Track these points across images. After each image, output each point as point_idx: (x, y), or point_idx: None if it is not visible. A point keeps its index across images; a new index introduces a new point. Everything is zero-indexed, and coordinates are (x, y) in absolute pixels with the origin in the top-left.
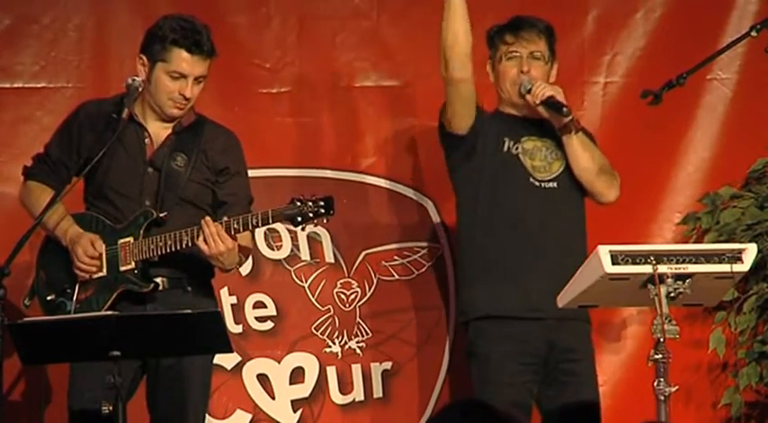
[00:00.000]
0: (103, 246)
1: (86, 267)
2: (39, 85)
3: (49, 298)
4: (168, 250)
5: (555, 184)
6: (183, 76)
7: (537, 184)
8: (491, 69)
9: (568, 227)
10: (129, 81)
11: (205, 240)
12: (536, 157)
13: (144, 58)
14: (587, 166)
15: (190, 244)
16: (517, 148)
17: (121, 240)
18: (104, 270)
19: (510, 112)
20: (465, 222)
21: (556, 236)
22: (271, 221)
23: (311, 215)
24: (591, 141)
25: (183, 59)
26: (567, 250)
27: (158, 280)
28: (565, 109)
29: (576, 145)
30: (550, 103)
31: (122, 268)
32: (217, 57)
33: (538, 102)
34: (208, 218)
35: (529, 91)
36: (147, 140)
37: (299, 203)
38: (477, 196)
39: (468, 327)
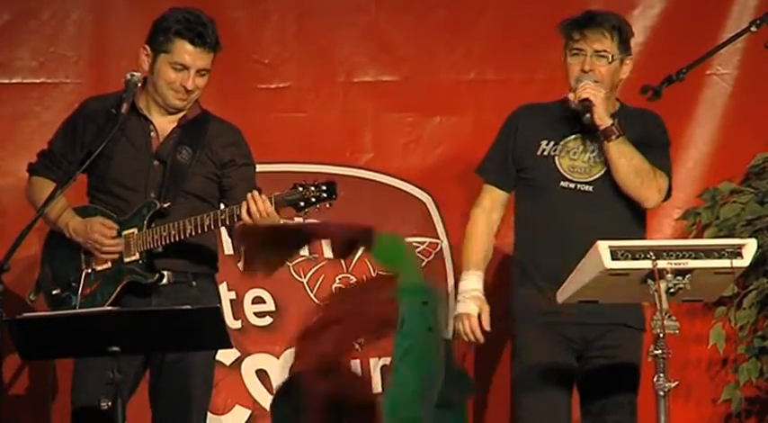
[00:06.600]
0: (115, 225)
1: (111, 249)
2: (38, 81)
3: (54, 292)
4: (172, 240)
5: (591, 188)
6: (186, 68)
7: (571, 186)
8: (564, 60)
9: (602, 232)
10: (128, 76)
11: (250, 215)
12: (579, 157)
13: (148, 48)
14: (625, 173)
15: (193, 233)
16: (555, 149)
17: (125, 232)
18: (109, 262)
19: (569, 106)
20: (516, 224)
21: (587, 241)
22: (274, 207)
23: (314, 200)
24: (630, 146)
25: (185, 51)
26: None
27: (164, 274)
28: (587, 116)
29: (613, 152)
30: (582, 105)
31: (127, 260)
32: (221, 51)
33: (576, 102)
34: (255, 193)
35: None
36: (152, 134)
37: (301, 188)
38: (518, 200)
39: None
